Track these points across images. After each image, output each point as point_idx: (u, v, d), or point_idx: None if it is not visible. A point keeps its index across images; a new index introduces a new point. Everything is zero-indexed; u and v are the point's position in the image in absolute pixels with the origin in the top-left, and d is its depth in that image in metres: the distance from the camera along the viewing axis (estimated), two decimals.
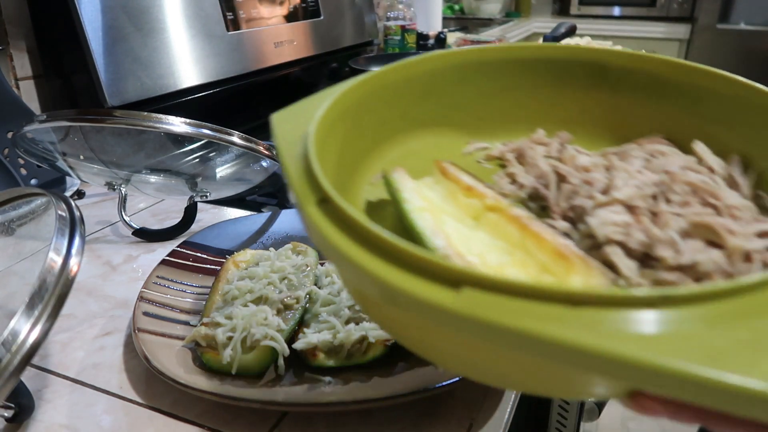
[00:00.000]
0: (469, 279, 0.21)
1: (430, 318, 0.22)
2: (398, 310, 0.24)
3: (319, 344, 0.42)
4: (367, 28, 1.46)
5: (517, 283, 0.20)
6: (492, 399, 0.41)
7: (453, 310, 0.20)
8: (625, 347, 0.18)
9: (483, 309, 0.20)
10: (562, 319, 0.20)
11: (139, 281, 0.53)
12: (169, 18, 0.88)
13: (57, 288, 0.35)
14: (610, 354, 0.18)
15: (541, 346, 0.19)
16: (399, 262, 0.22)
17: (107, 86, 0.79)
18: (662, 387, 0.19)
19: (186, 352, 0.43)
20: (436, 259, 0.22)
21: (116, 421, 0.39)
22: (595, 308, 0.20)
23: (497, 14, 2.70)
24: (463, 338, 0.23)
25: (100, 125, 0.55)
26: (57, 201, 0.41)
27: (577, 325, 0.19)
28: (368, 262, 0.22)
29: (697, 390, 0.18)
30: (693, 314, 0.20)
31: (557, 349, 0.19)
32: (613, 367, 0.19)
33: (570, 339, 0.19)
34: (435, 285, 0.21)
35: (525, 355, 0.21)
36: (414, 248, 0.22)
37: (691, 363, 0.18)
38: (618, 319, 0.19)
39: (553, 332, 0.19)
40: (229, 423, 0.39)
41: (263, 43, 1.06)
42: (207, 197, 0.67)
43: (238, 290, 0.46)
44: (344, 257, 0.23)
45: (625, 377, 0.19)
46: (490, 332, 0.20)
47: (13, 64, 0.80)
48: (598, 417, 0.73)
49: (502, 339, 0.20)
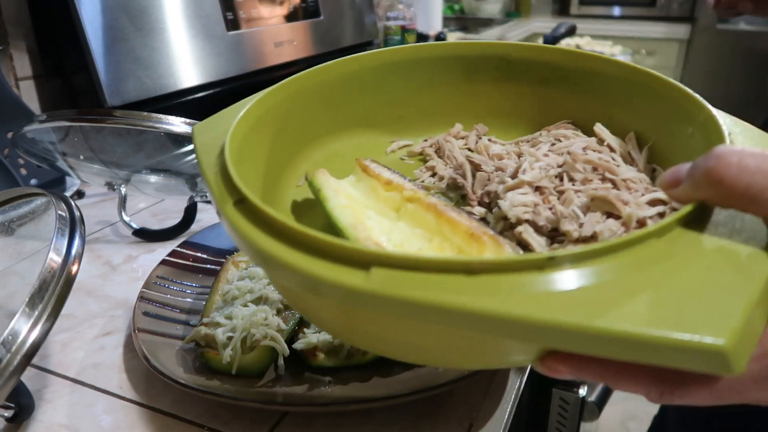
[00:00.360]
0: (377, 259, 0.22)
1: (347, 301, 0.23)
2: (319, 299, 0.26)
3: (319, 344, 0.42)
4: (367, 28, 1.46)
5: (420, 258, 0.22)
6: (492, 399, 0.41)
7: (364, 289, 0.22)
8: (518, 307, 0.20)
9: (391, 286, 0.22)
10: (462, 287, 0.21)
11: (139, 281, 0.53)
12: (169, 18, 0.88)
13: (57, 288, 0.35)
14: (504, 315, 0.20)
15: (444, 315, 0.21)
16: (314, 252, 0.23)
17: (107, 86, 0.79)
18: (553, 341, 0.21)
19: (186, 352, 0.43)
20: (348, 245, 0.23)
21: (116, 421, 0.39)
22: (490, 275, 0.21)
23: (497, 14, 2.70)
24: (380, 318, 0.24)
25: (100, 125, 0.55)
26: (57, 201, 0.41)
27: (475, 292, 0.21)
28: (285, 254, 0.24)
29: (581, 340, 0.20)
30: (576, 273, 0.22)
31: (459, 316, 0.21)
32: (508, 326, 0.20)
33: (469, 305, 0.21)
34: (348, 269, 0.23)
35: (433, 325, 0.22)
36: (326, 237, 0.23)
37: (574, 314, 0.20)
38: (511, 283, 0.21)
39: (452, 300, 0.21)
40: (229, 423, 0.39)
41: (263, 43, 1.06)
42: (207, 197, 0.67)
43: (238, 290, 0.46)
44: (262, 252, 0.25)
45: (520, 335, 0.21)
46: (399, 307, 0.22)
47: (13, 64, 0.80)
48: (598, 417, 0.73)
49: (410, 312, 0.22)
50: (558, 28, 1.76)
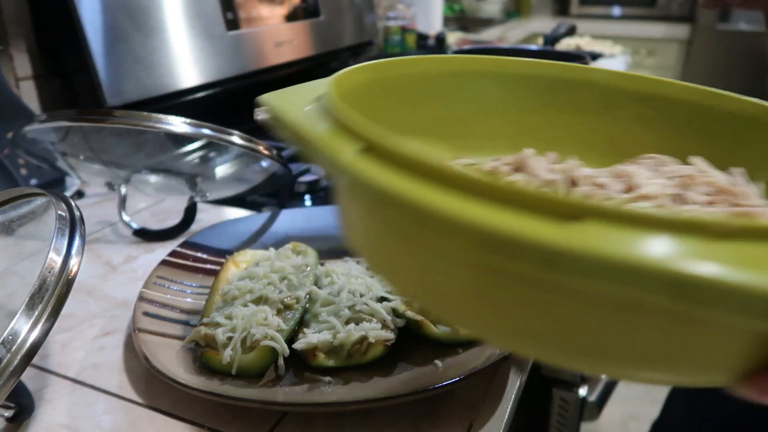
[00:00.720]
0: (588, 211, 0.18)
1: (538, 262, 0.17)
2: (493, 257, 0.19)
3: (319, 344, 0.42)
4: (367, 28, 1.46)
5: (656, 215, 0.17)
6: (492, 399, 0.41)
7: (566, 246, 0.17)
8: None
9: (597, 241, 0.17)
10: (708, 253, 0.17)
11: (139, 281, 0.53)
12: (169, 18, 0.88)
13: (57, 288, 0.35)
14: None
15: (683, 291, 0.16)
16: (502, 202, 0.18)
17: (107, 86, 0.79)
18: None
19: (186, 352, 0.43)
20: (547, 193, 0.18)
21: (116, 421, 0.39)
22: (747, 241, 0.17)
23: (497, 14, 2.71)
24: (559, 289, 0.19)
25: (100, 125, 0.55)
26: (57, 201, 0.41)
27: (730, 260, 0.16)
28: (459, 207, 0.18)
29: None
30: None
31: (708, 293, 0.16)
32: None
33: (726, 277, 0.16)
34: (549, 222, 0.18)
35: (645, 311, 0.18)
36: (513, 184, 0.18)
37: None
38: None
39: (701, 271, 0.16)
40: (229, 423, 0.39)
41: (263, 43, 1.06)
42: (207, 197, 0.67)
43: (238, 290, 0.46)
44: (426, 208, 0.19)
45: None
46: (615, 274, 0.17)
47: (13, 64, 0.80)
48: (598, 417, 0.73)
49: (627, 281, 0.17)
50: (558, 28, 1.76)
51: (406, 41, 1.59)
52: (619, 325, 0.19)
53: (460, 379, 0.39)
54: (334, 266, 0.50)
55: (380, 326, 0.43)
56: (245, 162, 0.64)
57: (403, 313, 0.44)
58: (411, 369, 0.42)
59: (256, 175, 0.67)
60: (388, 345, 0.42)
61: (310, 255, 0.53)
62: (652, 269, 0.16)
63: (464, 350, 0.44)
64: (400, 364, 0.43)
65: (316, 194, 0.78)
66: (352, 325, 0.43)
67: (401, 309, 0.45)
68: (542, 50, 1.25)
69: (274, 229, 0.61)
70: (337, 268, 0.50)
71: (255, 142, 0.57)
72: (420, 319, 0.44)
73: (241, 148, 0.56)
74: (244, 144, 0.56)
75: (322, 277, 0.49)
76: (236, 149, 0.58)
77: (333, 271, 0.49)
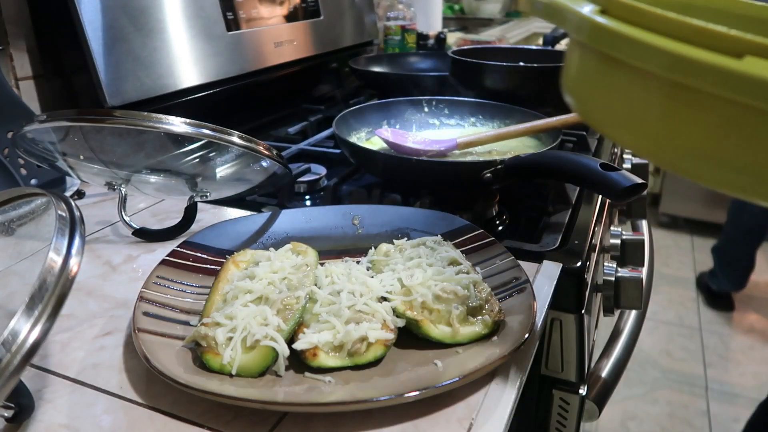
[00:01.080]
0: (753, 48, 0.24)
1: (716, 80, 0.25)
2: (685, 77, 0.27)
3: (319, 344, 0.42)
4: (367, 28, 1.46)
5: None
6: (492, 399, 0.41)
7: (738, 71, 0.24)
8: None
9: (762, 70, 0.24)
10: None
11: (139, 281, 0.53)
12: (169, 18, 0.88)
13: (57, 288, 0.35)
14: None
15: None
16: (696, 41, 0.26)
17: (107, 86, 0.79)
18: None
19: (186, 352, 0.43)
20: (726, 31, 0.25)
21: (116, 421, 0.39)
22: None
23: (497, 14, 2.71)
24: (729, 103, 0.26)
25: (100, 125, 0.55)
26: (57, 201, 0.41)
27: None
28: (665, 43, 0.26)
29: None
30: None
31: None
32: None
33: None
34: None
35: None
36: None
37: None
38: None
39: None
40: (229, 423, 0.39)
41: (263, 43, 1.06)
42: (207, 197, 0.67)
43: (238, 290, 0.46)
44: (636, 40, 0.27)
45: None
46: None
47: (13, 64, 0.80)
48: (598, 417, 0.73)
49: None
50: (558, 28, 1.76)
51: (406, 41, 1.59)
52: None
53: (460, 379, 0.39)
54: (334, 266, 0.50)
55: (380, 326, 0.43)
56: (245, 162, 0.64)
57: (403, 313, 0.44)
58: (411, 369, 0.42)
59: (256, 175, 0.67)
60: (388, 345, 0.42)
61: (310, 255, 0.53)
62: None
63: (464, 350, 0.44)
64: (400, 364, 0.43)
65: (316, 194, 0.78)
66: (352, 325, 0.43)
67: (401, 309, 0.45)
68: (542, 50, 1.25)
69: (274, 229, 0.61)
70: (337, 268, 0.50)
71: (255, 142, 0.57)
72: (420, 319, 0.44)
73: (241, 148, 0.56)
74: (244, 144, 0.56)
75: (322, 277, 0.49)
76: (236, 149, 0.58)
77: (333, 271, 0.49)
